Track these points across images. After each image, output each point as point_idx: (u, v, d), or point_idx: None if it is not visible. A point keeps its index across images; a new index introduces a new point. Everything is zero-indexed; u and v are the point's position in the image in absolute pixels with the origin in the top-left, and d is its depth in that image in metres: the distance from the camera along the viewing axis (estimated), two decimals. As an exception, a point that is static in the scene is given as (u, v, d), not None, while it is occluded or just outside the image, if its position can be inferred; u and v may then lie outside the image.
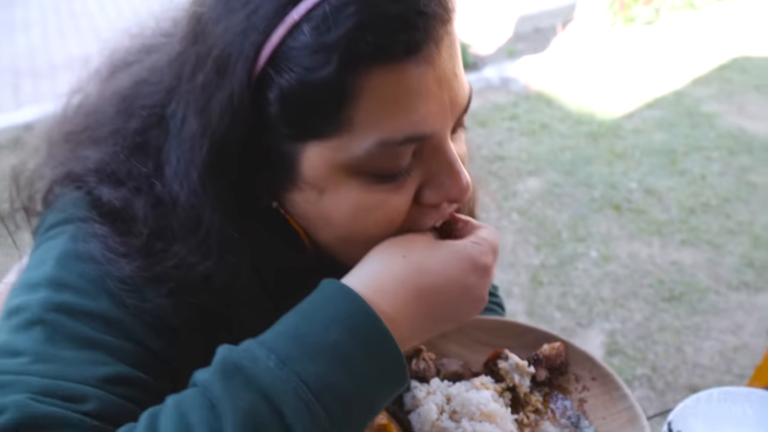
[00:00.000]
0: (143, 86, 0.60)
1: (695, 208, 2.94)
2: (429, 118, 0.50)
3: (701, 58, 4.27)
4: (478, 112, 3.82)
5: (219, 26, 0.50)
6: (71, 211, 0.58)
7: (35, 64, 4.72)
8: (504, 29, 4.88)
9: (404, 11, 0.47)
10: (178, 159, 0.54)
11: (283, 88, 0.48)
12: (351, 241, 0.56)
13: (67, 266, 0.54)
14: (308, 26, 0.47)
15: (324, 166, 0.51)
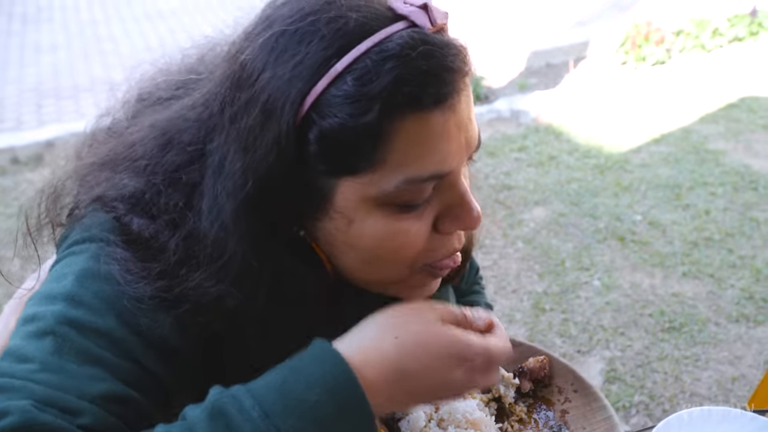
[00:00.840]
0: (182, 122, 0.64)
1: (698, 241, 2.97)
2: (449, 158, 0.57)
3: (710, 97, 4.33)
4: (488, 143, 3.89)
5: (265, 74, 0.56)
6: (96, 230, 0.62)
7: (59, 85, 4.88)
8: (517, 63, 4.99)
9: (434, 67, 0.54)
10: (217, 194, 0.59)
11: (324, 131, 0.54)
12: (374, 264, 0.61)
13: (85, 284, 0.58)
14: (351, 77, 0.53)
15: (356, 198, 0.57)
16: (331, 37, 0.54)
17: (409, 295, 0.66)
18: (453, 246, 0.63)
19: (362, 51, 0.54)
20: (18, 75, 5.17)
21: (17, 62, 5.44)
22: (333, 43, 0.54)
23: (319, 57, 0.54)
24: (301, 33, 0.55)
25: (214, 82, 0.62)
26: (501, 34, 5.61)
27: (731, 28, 4.95)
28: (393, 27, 0.55)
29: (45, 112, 4.46)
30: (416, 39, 0.54)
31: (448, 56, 0.55)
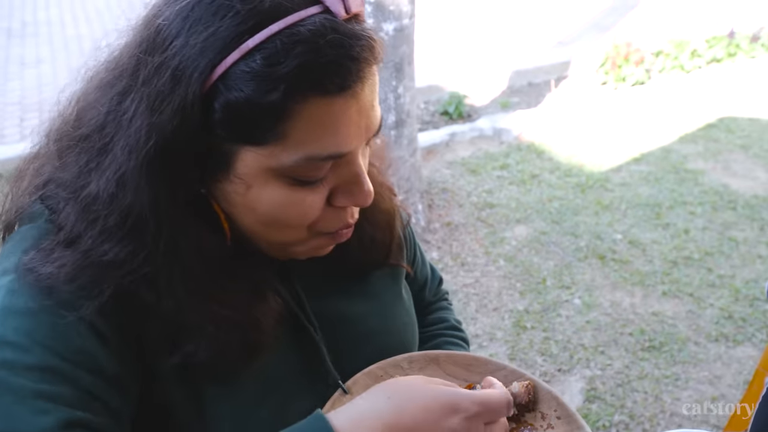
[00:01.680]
0: (100, 89, 0.64)
1: (678, 261, 3.00)
2: (348, 140, 0.60)
3: (689, 117, 4.40)
4: (470, 161, 3.92)
5: (178, 41, 0.57)
6: (5, 262, 0.63)
7: (42, 99, 4.85)
8: (499, 82, 5.04)
9: (341, 57, 0.56)
10: (120, 150, 0.60)
11: (230, 102, 0.56)
12: (272, 227, 0.64)
13: (5, 324, 0.59)
14: (260, 56, 0.55)
15: (255, 167, 0.60)
16: (246, 14, 0.55)
17: (304, 254, 0.70)
18: (346, 220, 0.67)
19: (274, 31, 0.55)
20: (2, 89, 5.14)
21: (1, 76, 5.41)
22: (247, 20, 0.55)
23: (232, 32, 0.55)
24: (216, 5, 0.56)
25: (131, 45, 0.62)
26: (483, 53, 5.68)
27: (710, 49, 5.05)
28: (307, 11, 0.56)
29: (27, 125, 4.43)
30: (327, 27, 0.56)
31: (355, 46, 0.57)
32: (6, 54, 5.91)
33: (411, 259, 0.98)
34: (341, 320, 0.80)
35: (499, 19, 6.74)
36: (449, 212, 3.43)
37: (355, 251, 0.79)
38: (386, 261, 0.86)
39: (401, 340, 0.88)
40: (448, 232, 3.28)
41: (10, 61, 5.73)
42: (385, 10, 2.64)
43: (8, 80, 5.29)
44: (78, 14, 7.06)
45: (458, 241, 3.21)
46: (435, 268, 1.08)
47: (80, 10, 7.19)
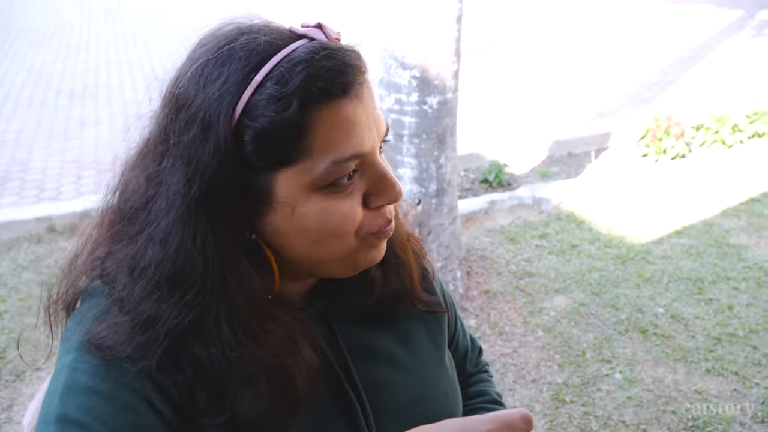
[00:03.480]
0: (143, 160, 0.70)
1: (721, 337, 2.93)
2: (364, 140, 0.67)
3: (731, 191, 4.37)
4: (509, 229, 3.95)
5: (198, 97, 0.65)
6: (69, 340, 0.70)
7: (99, 158, 5.12)
8: (539, 152, 5.12)
9: (337, 64, 0.65)
10: (164, 203, 0.65)
11: (257, 131, 0.63)
12: (323, 243, 0.69)
13: (69, 402, 0.65)
14: (270, 83, 0.63)
15: (294, 187, 0.66)
16: (248, 56, 0.64)
17: (363, 263, 0.74)
18: (386, 217, 0.73)
19: (275, 62, 0.64)
20: (62, 147, 5.44)
21: (62, 135, 5.73)
22: (250, 61, 0.64)
23: (241, 73, 0.64)
24: (222, 59, 0.65)
25: (158, 119, 0.69)
26: (524, 123, 5.79)
27: (751, 124, 5.05)
28: (296, 44, 0.66)
29: (84, 183, 4.66)
30: (317, 47, 0.65)
31: (345, 56, 0.66)
32: (67, 114, 6.27)
33: (453, 328, 1.01)
34: (385, 386, 0.83)
35: (539, 90, 6.89)
36: (488, 280, 3.45)
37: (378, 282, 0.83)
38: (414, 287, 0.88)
39: (444, 407, 0.90)
40: (486, 300, 3.28)
41: (71, 121, 6.08)
42: (429, 84, 2.77)
43: (68, 139, 5.60)
44: (137, 79, 7.49)
45: (496, 309, 3.21)
46: (474, 338, 1.10)
47: (139, 76, 7.63)
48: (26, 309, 3.22)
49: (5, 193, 4.56)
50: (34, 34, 10.03)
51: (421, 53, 2.71)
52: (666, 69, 7.73)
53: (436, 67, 2.74)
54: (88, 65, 8.14)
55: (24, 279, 3.48)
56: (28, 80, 7.48)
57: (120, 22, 11.10)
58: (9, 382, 2.73)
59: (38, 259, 3.68)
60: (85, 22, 11.08)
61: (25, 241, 3.89)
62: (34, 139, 5.61)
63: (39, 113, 6.30)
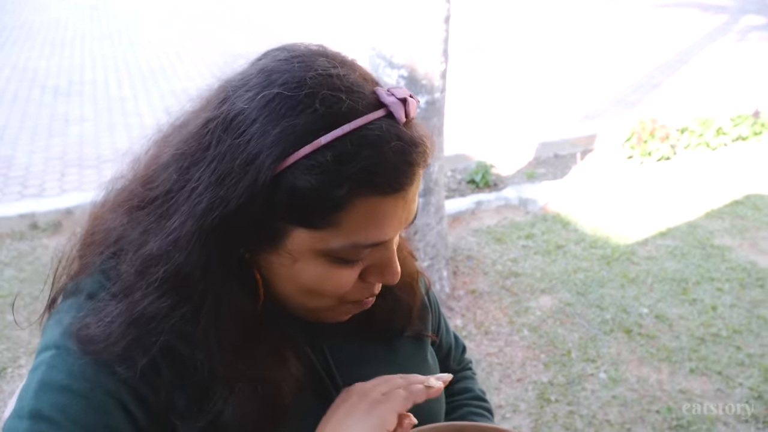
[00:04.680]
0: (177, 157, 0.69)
1: (705, 337, 2.96)
2: (390, 231, 0.67)
3: (715, 193, 4.42)
4: (495, 229, 3.96)
5: (255, 126, 0.62)
6: (48, 336, 0.70)
7: (83, 155, 5.06)
8: (525, 153, 5.14)
9: (401, 162, 0.62)
10: (181, 217, 0.65)
11: (296, 188, 0.61)
12: (308, 296, 0.70)
13: (42, 398, 0.65)
14: (330, 153, 0.60)
15: (305, 246, 0.65)
16: (323, 113, 0.61)
17: (332, 319, 0.77)
18: (373, 291, 0.75)
19: (346, 131, 0.61)
20: (45, 144, 5.37)
21: (46, 132, 5.66)
22: (323, 119, 0.61)
23: (309, 128, 0.61)
24: (296, 101, 0.62)
25: (204, 118, 0.67)
26: (511, 125, 5.82)
27: (735, 127, 5.11)
28: (374, 114, 0.62)
29: (67, 180, 4.60)
30: (391, 133, 0.62)
31: (413, 153, 0.63)
32: (52, 111, 6.20)
33: (436, 327, 1.01)
34: None
35: (526, 92, 6.93)
36: (474, 280, 3.45)
37: (380, 312, 0.83)
38: (410, 322, 0.89)
39: (428, 407, 0.91)
40: (472, 299, 3.29)
41: (55, 118, 6.01)
42: (417, 83, 2.77)
43: (52, 136, 5.54)
44: (122, 76, 7.42)
45: (482, 309, 3.22)
46: (459, 336, 1.11)
47: (125, 73, 7.57)
48: (7, 306, 3.18)
49: (-13, 190, 4.50)
50: (20, 30, 9.92)
51: (409, 53, 2.71)
52: (651, 72, 7.80)
53: (424, 66, 2.74)
54: (74, 62, 8.06)
55: (6, 276, 3.43)
56: (13, 76, 7.39)
57: (105, 19, 11.00)
58: (-11, 379, 2.70)
59: (20, 256, 3.63)
60: (71, 19, 10.97)
61: (8, 237, 3.83)
62: (18, 136, 5.54)
63: (23, 109, 6.23)
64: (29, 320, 3.07)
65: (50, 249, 3.71)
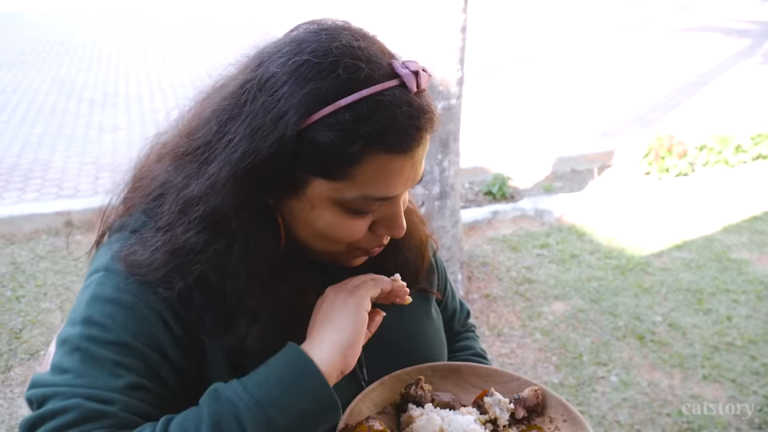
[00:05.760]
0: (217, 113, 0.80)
1: (719, 346, 2.97)
2: (398, 187, 0.77)
3: (733, 209, 4.43)
4: (511, 238, 4.02)
5: (285, 88, 0.73)
6: (99, 262, 0.81)
7: (116, 161, 5.26)
8: (543, 167, 5.21)
9: (410, 126, 0.73)
10: (219, 163, 0.75)
11: (317, 143, 0.72)
12: (322, 240, 0.81)
13: (93, 308, 0.76)
14: (349, 114, 0.71)
15: (322, 195, 0.76)
16: (345, 79, 0.72)
17: (343, 262, 0.87)
18: (381, 241, 0.84)
19: (363, 96, 0.71)
20: (81, 150, 5.60)
21: (81, 139, 5.90)
22: (344, 84, 0.71)
23: (332, 91, 0.71)
24: (322, 67, 0.72)
25: (241, 80, 0.78)
26: (529, 138, 5.89)
27: (755, 146, 5.12)
28: (389, 83, 0.73)
29: (101, 183, 4.79)
30: (403, 100, 0.73)
31: (422, 118, 0.74)
32: (88, 120, 6.45)
33: (442, 288, 1.10)
34: None
35: (546, 110, 7.00)
36: (488, 285, 3.51)
37: (391, 269, 0.92)
38: (417, 281, 0.98)
39: (429, 353, 1.00)
40: (486, 303, 3.35)
41: (91, 126, 6.26)
42: (434, 89, 2.88)
43: (87, 143, 5.77)
44: (155, 89, 7.69)
45: (495, 312, 3.27)
46: (463, 302, 1.20)
47: (157, 86, 7.84)
48: (42, 294, 3.33)
49: (27, 190, 4.71)
50: (59, 47, 10.33)
51: (427, 60, 2.82)
52: (671, 93, 7.84)
53: (441, 73, 2.85)
54: (109, 76, 8.37)
55: (41, 267, 3.60)
56: (52, 89, 7.70)
57: (141, 38, 11.40)
58: (24, 360, 2.84)
59: (55, 250, 3.80)
60: (108, 37, 11.39)
61: (44, 233, 4.02)
62: (56, 142, 5.78)
63: (61, 119, 6.49)
64: (61, 307, 3.23)
65: (83, 244, 3.87)
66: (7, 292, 3.35)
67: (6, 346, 2.91)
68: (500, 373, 1.00)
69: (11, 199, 4.54)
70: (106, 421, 0.68)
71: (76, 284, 3.43)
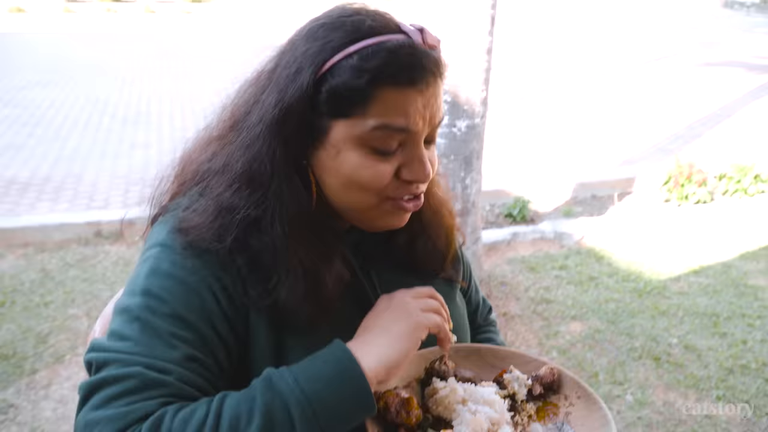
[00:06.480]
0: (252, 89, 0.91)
1: (734, 368, 3.00)
2: (413, 121, 0.83)
3: (751, 236, 4.45)
4: (530, 259, 4.08)
5: (303, 47, 0.84)
6: (155, 237, 0.87)
7: (146, 176, 5.43)
8: (563, 192, 5.27)
9: (412, 63, 0.82)
10: (257, 118, 0.85)
11: (332, 85, 0.82)
12: (350, 189, 0.87)
13: (152, 281, 0.82)
14: (357, 56, 0.81)
15: (344, 136, 0.84)
16: (352, 31, 0.82)
17: (380, 222, 0.91)
18: (411, 191, 0.88)
19: (369, 43, 0.81)
20: (112, 165, 5.79)
21: (113, 154, 6.10)
22: (352, 35, 0.82)
23: (341, 41, 0.82)
24: (334, 26, 0.83)
25: (273, 58, 0.90)
26: (551, 165, 5.97)
27: (775, 176, 5.15)
28: (395, 36, 0.83)
29: (131, 196, 4.96)
30: (406, 45, 0.81)
31: (424, 59, 0.82)
32: (120, 137, 6.67)
33: (468, 280, 1.18)
34: None
35: (569, 137, 7.09)
36: (506, 303, 3.57)
37: (420, 254, 1.01)
38: (443, 266, 1.06)
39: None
40: (504, 321, 3.41)
41: (122, 142, 6.47)
42: (459, 108, 2.99)
43: (118, 158, 5.96)
44: (185, 108, 7.93)
45: (513, 330, 3.33)
46: (486, 298, 1.28)
47: (188, 105, 8.08)
48: (70, 301, 3.45)
49: (59, 200, 4.89)
50: (94, 68, 10.69)
51: (453, 80, 2.95)
52: (692, 124, 7.88)
53: (466, 93, 2.97)
54: (142, 95, 8.64)
55: (70, 275, 3.73)
56: (87, 106, 7.97)
57: (174, 59, 11.75)
58: (49, 363, 2.93)
59: (85, 259, 3.94)
60: (141, 57, 11.77)
61: (74, 242, 4.16)
62: (88, 157, 5.98)
63: (94, 135, 6.72)
64: (89, 314, 3.35)
65: (112, 254, 4.02)
66: (35, 298, 3.46)
67: (32, 349, 3.00)
68: (519, 355, 1.07)
69: (43, 209, 4.70)
70: (164, 389, 0.73)
71: (104, 292, 3.54)
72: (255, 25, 17.63)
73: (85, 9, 20.26)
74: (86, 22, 17.21)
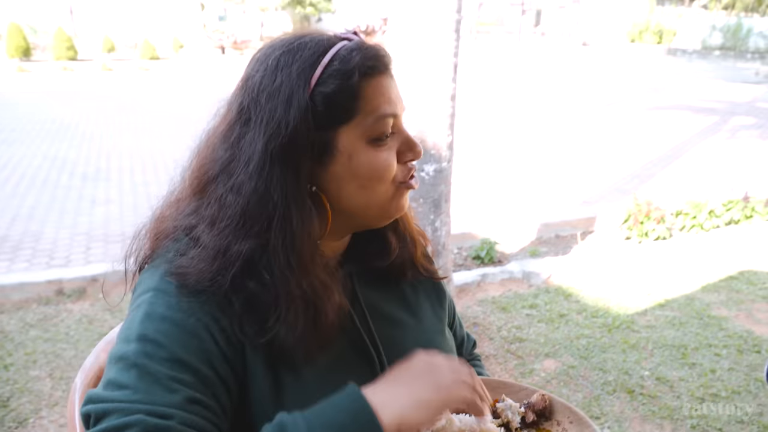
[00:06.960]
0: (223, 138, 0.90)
1: (705, 397, 3.05)
2: (394, 105, 0.90)
3: (711, 269, 4.60)
4: (500, 299, 4.12)
5: (278, 78, 0.85)
6: (147, 283, 0.86)
7: (108, 232, 5.33)
8: (528, 233, 5.38)
9: (377, 53, 0.89)
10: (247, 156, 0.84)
11: (326, 94, 0.85)
12: (368, 188, 0.90)
13: (148, 326, 0.80)
14: (336, 62, 0.86)
15: (351, 139, 0.88)
16: (315, 46, 0.87)
17: (393, 210, 0.94)
18: (411, 169, 0.94)
19: (336, 49, 0.87)
20: (72, 222, 5.66)
21: (73, 212, 5.97)
22: (318, 49, 0.87)
23: (312, 56, 0.86)
24: (293, 50, 0.88)
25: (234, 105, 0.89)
26: (514, 208, 6.10)
27: (727, 211, 5.36)
28: (343, 42, 0.89)
29: (92, 253, 4.84)
30: (360, 42, 0.89)
31: (379, 49, 0.90)
32: (80, 194, 6.55)
33: (452, 316, 1.21)
34: (395, 342, 1.02)
35: (529, 181, 7.28)
36: (480, 344, 3.58)
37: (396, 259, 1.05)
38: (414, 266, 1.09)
39: None
40: (478, 361, 3.41)
41: (83, 199, 6.35)
42: (427, 153, 3.06)
43: (79, 215, 5.84)
44: (147, 164, 7.86)
45: (489, 370, 3.33)
46: (470, 333, 1.31)
47: (149, 160, 8.01)
48: (32, 362, 3.32)
49: (17, 260, 4.74)
50: (51, 124, 10.55)
51: (419, 126, 3.03)
52: (646, 165, 8.21)
53: (433, 138, 3.05)
54: (101, 152, 8.54)
55: (31, 336, 3.59)
56: (44, 164, 7.83)
57: (133, 115, 11.71)
58: (11, 428, 2.79)
59: (46, 318, 3.81)
60: (100, 114, 11.69)
61: (34, 302, 4.02)
62: (47, 214, 5.85)
63: (52, 192, 6.59)
64: (51, 375, 3.21)
65: (75, 312, 3.89)
66: (-5, 361, 3.33)
67: (-7, 414, 2.87)
68: (509, 384, 1.09)
69: (1, 269, 4.55)
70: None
71: (68, 352, 3.42)
72: (212, 81, 17.78)
73: (40, 68, 20.14)
74: (42, 81, 17.08)
